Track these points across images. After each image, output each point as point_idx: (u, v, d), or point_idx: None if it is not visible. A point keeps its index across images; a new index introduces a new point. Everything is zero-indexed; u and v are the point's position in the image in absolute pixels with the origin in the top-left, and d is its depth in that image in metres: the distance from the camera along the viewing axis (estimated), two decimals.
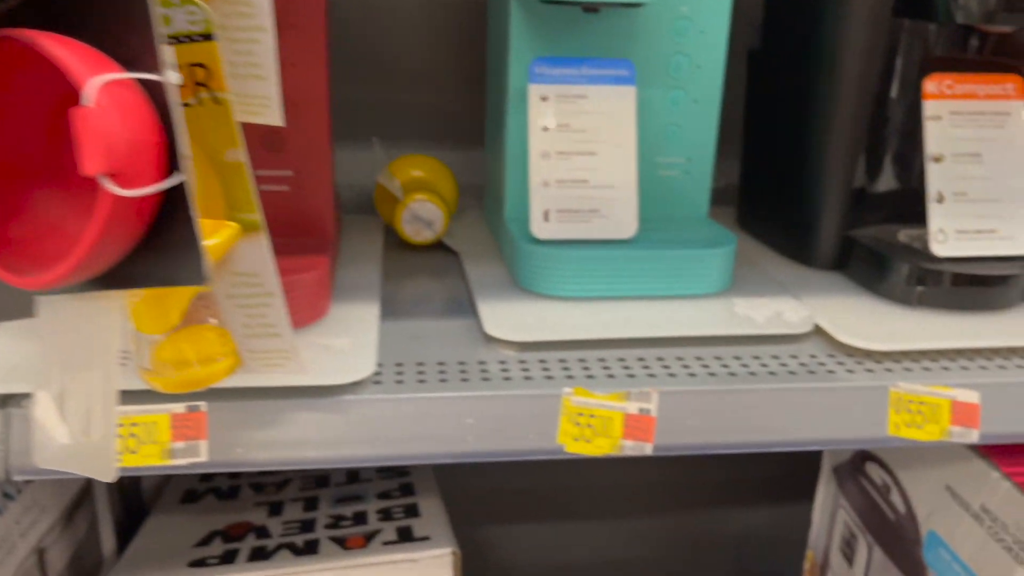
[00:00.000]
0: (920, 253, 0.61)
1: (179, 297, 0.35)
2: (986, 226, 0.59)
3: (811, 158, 0.65)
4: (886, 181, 0.68)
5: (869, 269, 0.63)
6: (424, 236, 0.72)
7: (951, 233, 0.59)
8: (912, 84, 0.63)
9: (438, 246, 0.74)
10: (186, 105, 0.32)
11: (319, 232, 0.60)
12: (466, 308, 0.61)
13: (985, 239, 0.59)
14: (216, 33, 0.31)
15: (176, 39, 0.31)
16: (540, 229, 0.60)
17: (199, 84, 0.32)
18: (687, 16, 0.63)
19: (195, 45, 0.31)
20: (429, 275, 0.69)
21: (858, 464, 0.80)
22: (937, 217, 0.59)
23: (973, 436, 0.53)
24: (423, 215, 0.71)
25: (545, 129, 0.60)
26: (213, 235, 0.34)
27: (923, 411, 0.52)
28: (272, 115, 0.36)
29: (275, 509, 0.77)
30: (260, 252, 0.35)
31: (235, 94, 0.36)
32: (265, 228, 0.35)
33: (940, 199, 0.59)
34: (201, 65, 0.32)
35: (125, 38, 0.26)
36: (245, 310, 0.36)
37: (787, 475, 1.07)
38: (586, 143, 0.60)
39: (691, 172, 0.68)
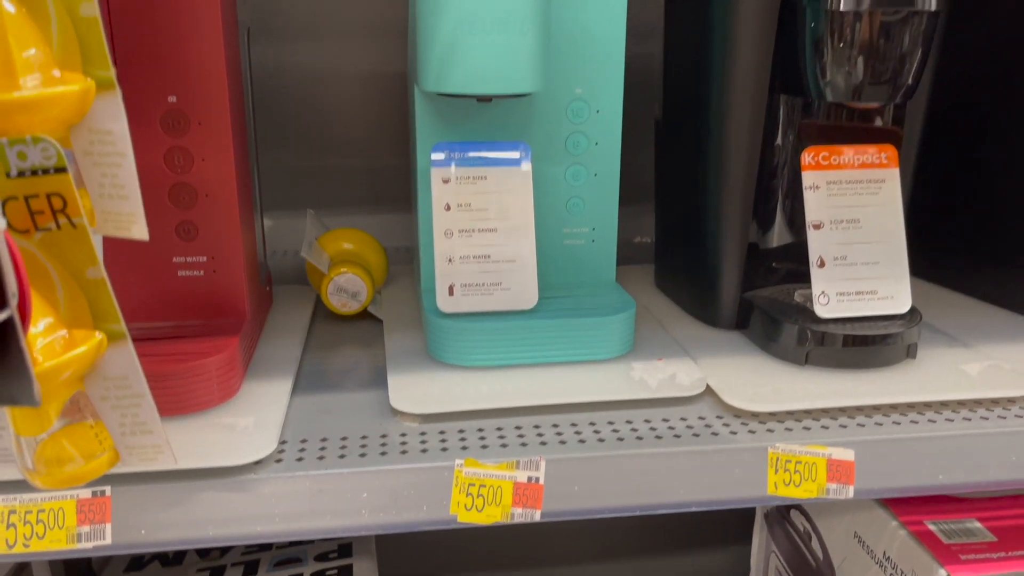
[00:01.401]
0: (810, 314, 0.64)
1: (53, 400, 0.38)
2: (866, 288, 0.63)
3: (708, 222, 0.69)
4: (781, 244, 0.72)
5: (763, 330, 0.66)
6: (350, 307, 0.75)
7: (833, 296, 0.62)
8: (796, 153, 0.67)
9: (365, 314, 0.77)
10: (46, 230, 0.36)
11: (234, 313, 0.63)
12: (381, 379, 0.64)
13: (866, 300, 0.63)
14: (68, 166, 0.34)
15: (33, 172, 0.35)
16: (445, 303, 0.63)
17: (57, 211, 0.35)
18: (581, 97, 0.67)
19: (50, 177, 0.35)
20: (353, 345, 0.72)
21: (784, 511, 0.83)
22: (819, 281, 0.62)
23: (849, 492, 0.55)
24: (348, 287, 0.75)
25: (447, 209, 0.63)
26: (82, 344, 0.38)
27: (800, 470, 0.55)
28: (139, 230, 0.39)
29: (217, 574, 0.79)
30: (127, 358, 0.38)
31: (103, 212, 0.39)
32: (128, 336, 0.38)
33: (821, 264, 0.62)
34: (58, 194, 0.35)
35: None
36: (119, 410, 0.39)
37: (737, 518, 1.09)
38: (487, 221, 0.64)
39: (596, 240, 0.71)
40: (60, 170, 0.34)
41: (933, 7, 0.58)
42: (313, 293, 0.82)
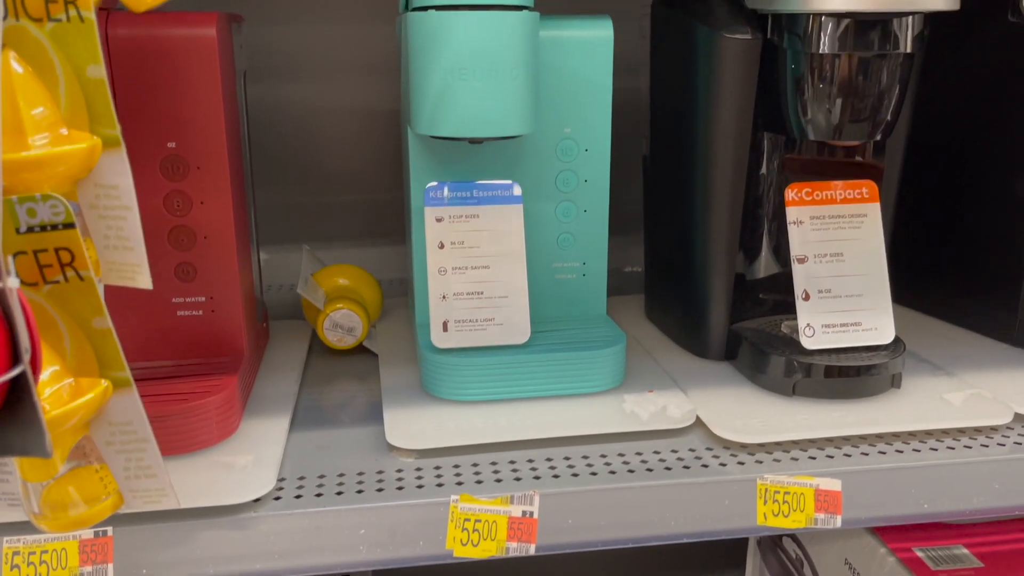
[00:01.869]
0: (797, 345, 0.65)
1: (60, 447, 0.39)
2: (850, 319, 0.64)
3: (696, 256, 0.70)
4: (768, 276, 0.73)
5: (752, 361, 0.67)
6: (346, 342, 0.77)
7: (818, 328, 0.64)
8: (780, 187, 0.69)
9: (361, 349, 0.78)
10: (55, 283, 0.37)
11: (232, 351, 0.64)
12: (377, 414, 0.65)
13: (851, 332, 0.64)
14: (75, 222, 0.36)
15: (43, 228, 0.36)
16: (440, 339, 0.64)
17: (65, 265, 0.37)
18: (570, 137, 0.69)
19: (59, 232, 0.36)
20: (349, 380, 0.73)
21: (776, 538, 0.84)
22: (804, 314, 0.64)
23: (837, 522, 0.57)
24: (343, 323, 0.76)
25: (441, 247, 0.65)
26: (88, 392, 0.39)
27: (789, 500, 0.56)
28: (143, 280, 0.40)
29: None
30: (132, 404, 0.39)
31: (108, 262, 0.41)
32: (133, 383, 0.39)
33: (806, 297, 0.64)
34: (66, 248, 0.37)
35: None
36: (123, 455, 0.40)
37: (730, 543, 1.09)
38: (480, 258, 0.65)
39: (587, 275, 0.73)
40: (68, 226, 0.36)
41: (908, 49, 0.60)
42: (309, 328, 0.83)
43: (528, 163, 0.69)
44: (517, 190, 0.66)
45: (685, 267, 0.72)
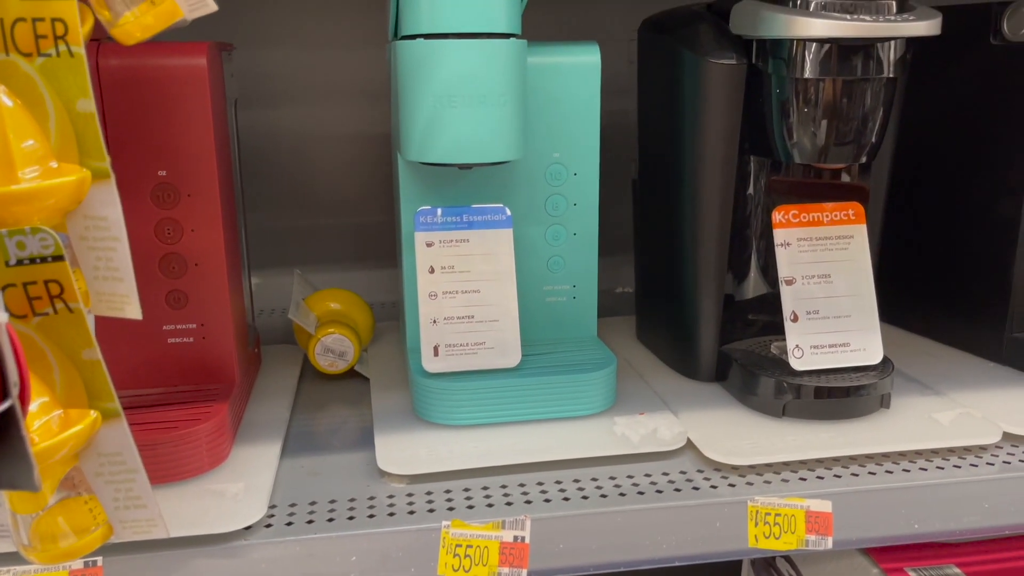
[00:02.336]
0: (786, 366, 0.65)
1: (49, 478, 0.39)
2: (839, 340, 0.65)
3: (685, 278, 0.71)
4: (757, 297, 0.74)
5: (741, 382, 0.68)
6: (338, 366, 0.77)
7: (807, 349, 0.64)
8: (768, 209, 0.69)
9: (353, 373, 0.78)
10: (44, 315, 0.37)
11: (223, 378, 0.64)
12: (368, 439, 0.65)
13: (839, 352, 0.65)
14: (64, 254, 0.36)
15: (32, 260, 0.36)
16: (430, 364, 0.64)
17: (54, 297, 0.37)
18: (559, 161, 0.69)
19: (48, 265, 0.36)
20: (340, 405, 0.73)
21: (770, 559, 0.84)
22: (793, 335, 0.64)
23: (828, 543, 0.57)
24: (334, 347, 0.76)
25: (431, 271, 0.65)
26: (78, 423, 0.39)
27: (780, 522, 0.56)
28: (132, 311, 0.41)
29: None
30: (122, 435, 0.39)
31: (98, 293, 0.41)
32: (123, 414, 0.39)
33: (795, 318, 0.64)
34: (56, 281, 0.37)
35: None
36: (113, 485, 0.40)
37: (724, 563, 1.09)
38: (470, 282, 0.65)
39: (577, 297, 0.73)
40: (58, 258, 0.36)
41: (891, 73, 0.60)
42: (301, 352, 0.83)
43: (517, 187, 0.69)
44: (507, 214, 0.66)
45: (675, 289, 0.73)
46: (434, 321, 0.65)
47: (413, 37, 0.58)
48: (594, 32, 0.97)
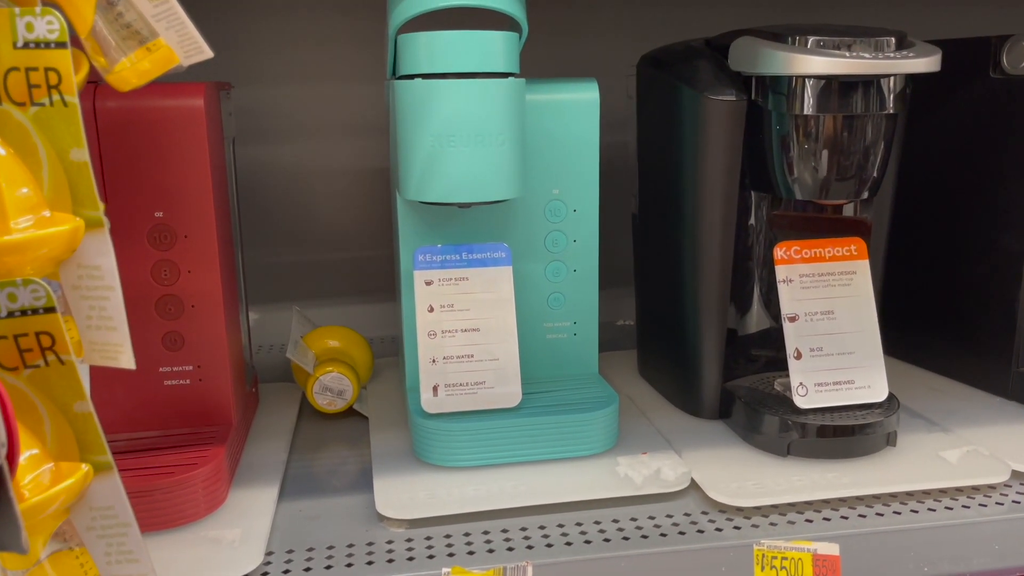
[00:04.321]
0: (790, 404, 0.65)
1: (40, 533, 0.38)
2: (843, 378, 0.64)
3: (687, 315, 0.70)
4: (760, 333, 0.73)
5: (745, 420, 0.67)
6: (336, 405, 0.76)
7: (811, 387, 0.63)
8: (770, 244, 0.69)
9: (352, 411, 0.77)
10: (35, 367, 0.37)
11: (220, 420, 0.63)
12: (367, 481, 0.64)
13: (844, 390, 0.64)
14: (56, 306, 0.35)
15: (23, 312, 0.36)
16: (430, 404, 0.64)
17: (45, 349, 0.36)
18: (559, 198, 0.69)
19: (39, 317, 0.36)
20: (339, 444, 0.72)
21: None
22: (797, 373, 0.63)
23: None
24: (333, 386, 0.75)
25: (431, 310, 0.65)
26: (69, 477, 0.38)
27: (787, 566, 0.55)
28: (126, 360, 0.40)
29: None
30: (114, 488, 0.39)
31: (91, 342, 0.40)
32: (115, 467, 0.38)
33: (798, 356, 0.64)
34: (47, 333, 0.36)
35: None
36: (105, 539, 0.39)
37: None
38: (470, 321, 0.65)
39: (578, 334, 0.72)
40: (49, 310, 0.36)
41: (891, 109, 0.60)
42: (299, 390, 0.82)
43: (517, 224, 0.69)
44: (506, 252, 0.66)
45: (677, 325, 0.72)
46: (433, 360, 0.64)
47: (411, 77, 0.58)
48: (593, 66, 0.97)
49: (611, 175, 0.80)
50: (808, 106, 0.60)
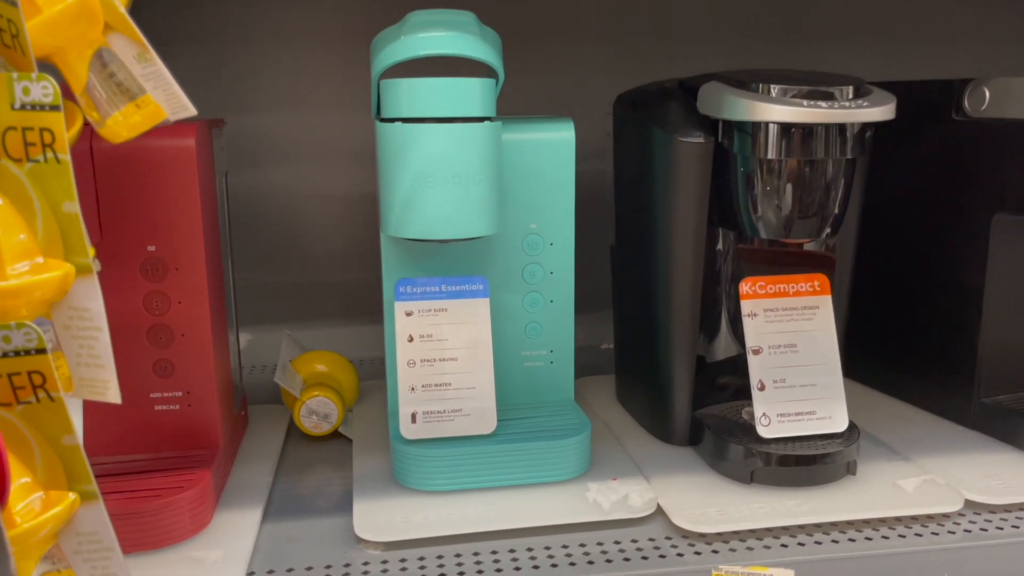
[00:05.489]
0: (755, 433, 0.67)
1: (32, 556, 0.41)
2: (805, 409, 0.66)
3: (659, 344, 0.73)
4: (730, 362, 0.76)
5: (712, 448, 0.70)
6: (322, 428, 0.79)
7: (774, 417, 0.66)
8: (739, 278, 0.71)
9: (338, 434, 0.80)
10: (27, 403, 0.40)
11: (208, 444, 0.66)
12: (348, 503, 0.67)
13: (805, 420, 0.66)
14: (47, 347, 0.38)
15: (16, 353, 0.39)
16: (408, 430, 0.66)
17: (37, 387, 0.39)
18: (536, 232, 0.72)
19: (32, 357, 0.39)
20: (324, 466, 0.75)
21: None
22: (760, 404, 0.66)
23: None
24: (319, 409, 0.78)
25: (410, 340, 0.67)
26: (57, 504, 0.41)
27: None
28: (113, 395, 0.43)
29: None
30: (99, 516, 0.41)
31: (80, 379, 0.43)
32: (100, 496, 0.41)
33: (762, 387, 0.66)
34: (39, 372, 0.39)
35: None
36: (90, 563, 0.42)
37: None
38: (448, 351, 0.68)
39: (555, 362, 0.75)
40: (40, 351, 0.38)
41: (850, 155, 0.63)
42: (287, 412, 0.85)
43: (496, 257, 0.72)
44: (484, 284, 0.68)
45: (650, 355, 0.75)
46: (412, 388, 0.67)
47: (393, 120, 0.61)
48: (574, 99, 1.00)
49: (594, 201, 0.83)
50: (770, 150, 0.63)
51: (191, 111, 0.45)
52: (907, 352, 0.83)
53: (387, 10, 0.75)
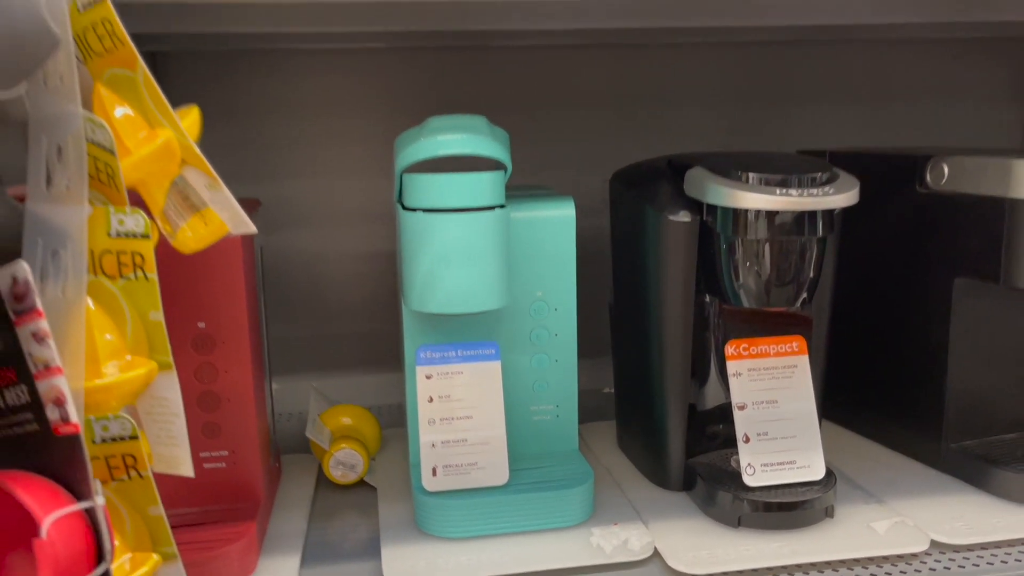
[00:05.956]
0: (742, 481, 0.75)
1: None
2: (786, 458, 0.74)
3: (655, 397, 0.81)
4: (718, 411, 0.83)
5: (704, 494, 0.77)
6: (349, 477, 0.86)
7: (758, 467, 0.74)
8: (726, 338, 0.79)
9: (363, 483, 0.88)
10: (120, 480, 0.47)
11: (251, 498, 0.74)
12: (376, 549, 0.74)
13: (787, 469, 0.74)
14: (139, 435, 0.46)
15: (113, 439, 0.47)
16: (429, 483, 0.74)
17: (129, 467, 0.47)
18: (542, 299, 0.80)
19: (126, 443, 0.47)
20: (352, 512, 0.82)
21: None
22: (746, 454, 0.74)
23: None
24: (346, 461, 0.86)
25: (430, 400, 0.75)
26: (143, 565, 0.49)
27: None
28: (186, 470, 0.51)
29: None
30: (177, 573, 0.49)
31: (159, 455, 0.51)
32: (179, 557, 0.49)
33: (747, 440, 0.74)
34: (131, 455, 0.47)
35: (69, 472, 0.41)
36: None
37: None
38: (464, 410, 0.75)
39: (560, 416, 0.83)
40: (134, 438, 0.46)
41: (821, 234, 0.71)
42: (316, 461, 0.92)
43: (506, 322, 0.80)
44: (495, 349, 0.76)
45: (646, 407, 0.82)
46: (433, 445, 0.75)
47: (415, 210, 0.70)
48: (576, 164, 1.09)
49: (600, 254, 0.91)
50: (748, 231, 0.71)
51: (252, 229, 0.53)
52: (883, 400, 0.90)
53: (407, 77, 0.83)
